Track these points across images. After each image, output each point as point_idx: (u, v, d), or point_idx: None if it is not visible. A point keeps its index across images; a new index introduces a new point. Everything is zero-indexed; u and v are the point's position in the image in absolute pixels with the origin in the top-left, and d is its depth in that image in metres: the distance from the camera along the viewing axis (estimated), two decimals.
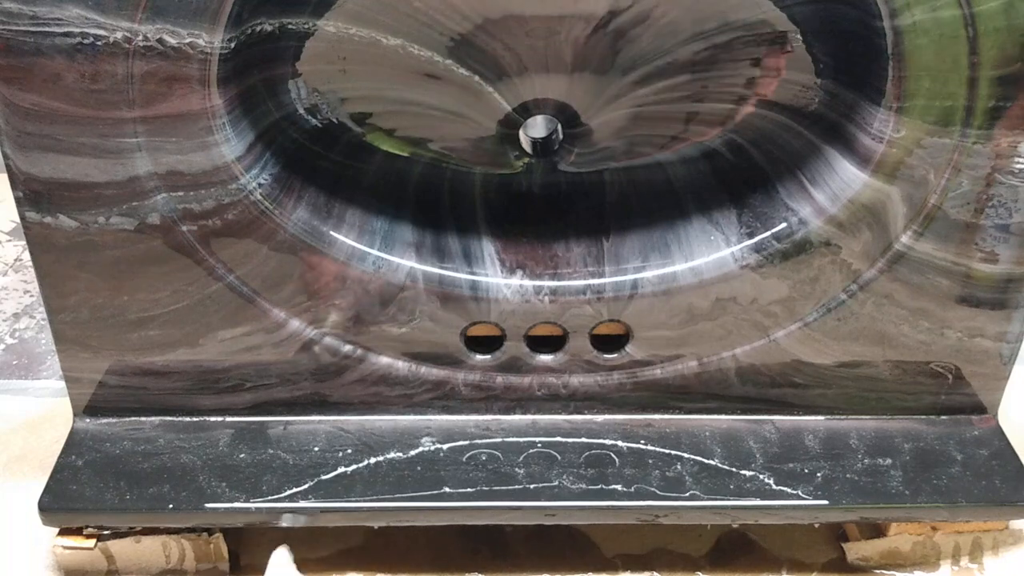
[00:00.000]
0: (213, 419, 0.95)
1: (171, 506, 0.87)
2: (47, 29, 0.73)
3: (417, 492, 0.88)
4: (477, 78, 0.83)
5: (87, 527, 0.90)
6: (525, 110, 0.86)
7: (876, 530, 0.96)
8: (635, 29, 0.81)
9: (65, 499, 0.88)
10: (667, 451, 0.93)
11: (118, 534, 0.90)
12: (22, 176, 0.79)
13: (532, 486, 0.89)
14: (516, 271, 0.90)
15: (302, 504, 0.87)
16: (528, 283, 0.90)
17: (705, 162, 0.90)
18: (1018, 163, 0.82)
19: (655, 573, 0.96)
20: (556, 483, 0.89)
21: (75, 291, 0.86)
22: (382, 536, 0.96)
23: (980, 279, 0.88)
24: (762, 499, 0.89)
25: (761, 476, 0.91)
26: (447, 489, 0.88)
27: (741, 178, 0.90)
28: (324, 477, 0.89)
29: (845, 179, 0.84)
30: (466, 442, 0.93)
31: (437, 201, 0.91)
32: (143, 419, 0.95)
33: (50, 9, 0.72)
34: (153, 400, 0.93)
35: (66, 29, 0.72)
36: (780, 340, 0.92)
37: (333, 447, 0.92)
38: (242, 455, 0.92)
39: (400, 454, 0.92)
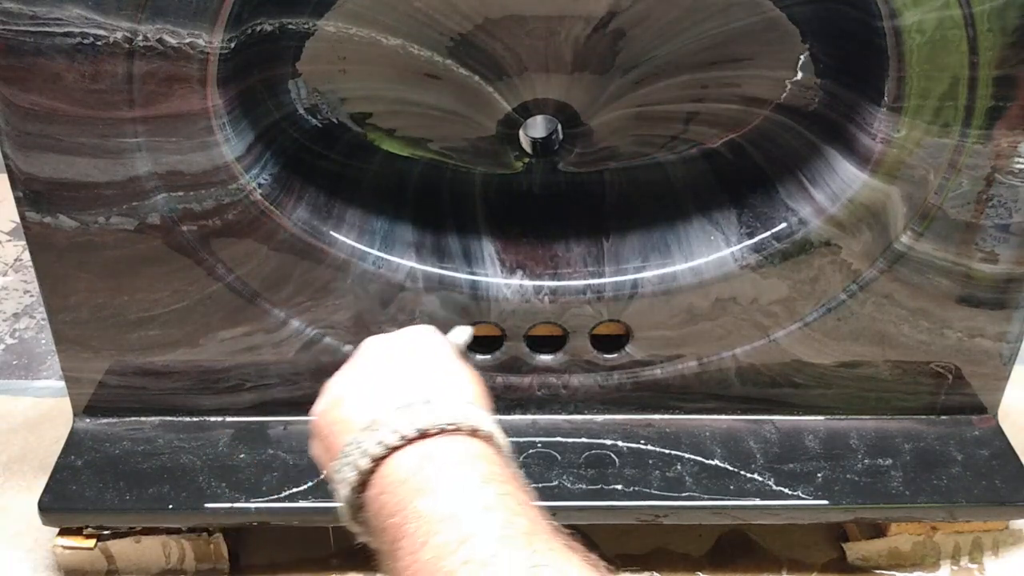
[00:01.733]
0: (213, 419, 0.95)
1: (171, 506, 0.87)
2: (47, 29, 0.73)
3: None
4: (477, 78, 0.83)
5: (87, 527, 0.90)
6: (525, 110, 0.86)
7: (876, 530, 0.96)
8: (635, 29, 0.81)
9: (65, 499, 0.88)
10: (667, 451, 0.93)
11: (118, 534, 0.90)
12: (22, 176, 0.79)
13: (532, 486, 0.89)
14: (516, 271, 0.90)
15: (302, 504, 0.87)
16: (528, 283, 0.90)
17: (705, 162, 0.90)
18: (1018, 163, 0.82)
19: (655, 573, 0.96)
20: (556, 483, 0.89)
21: (75, 291, 0.86)
22: None
23: (980, 279, 0.88)
24: (762, 499, 0.89)
25: (761, 476, 0.91)
26: None
27: (741, 178, 0.90)
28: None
29: (845, 179, 0.84)
30: None
31: (437, 201, 0.91)
32: (143, 419, 0.95)
33: (50, 9, 0.72)
34: (153, 400, 0.93)
35: (66, 29, 0.72)
36: (780, 340, 0.92)
37: None
38: (242, 455, 0.92)
39: None
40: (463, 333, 0.70)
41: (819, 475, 0.91)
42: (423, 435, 0.51)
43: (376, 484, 0.51)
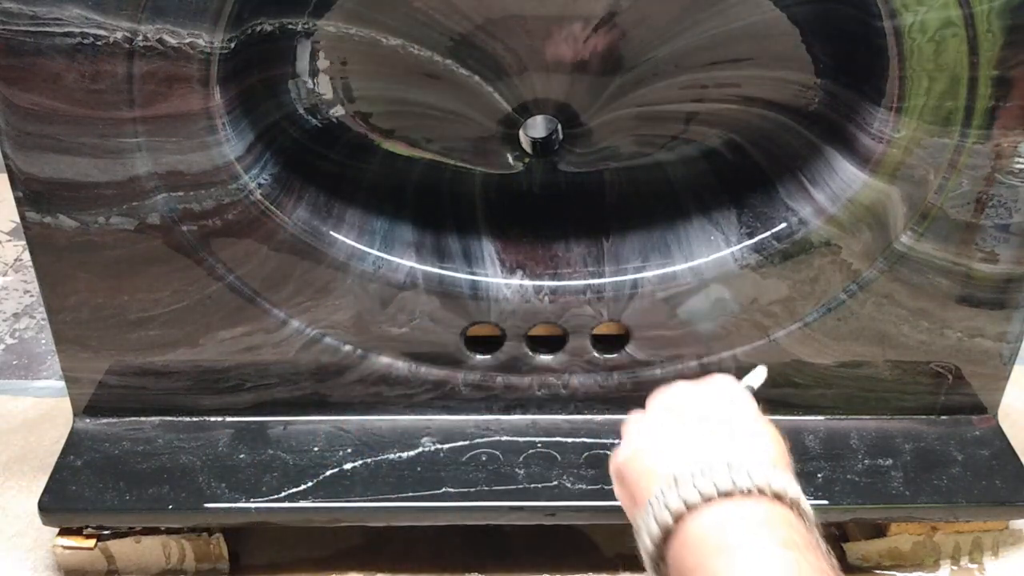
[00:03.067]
0: (213, 419, 0.95)
1: (171, 506, 0.87)
2: (47, 29, 0.73)
3: (417, 492, 0.88)
4: (477, 78, 0.83)
5: (87, 527, 0.90)
6: (525, 110, 0.86)
7: (876, 530, 0.96)
8: (635, 29, 0.81)
9: (65, 499, 0.88)
10: None
11: (118, 534, 0.90)
12: (22, 176, 0.79)
13: (532, 486, 0.89)
14: (516, 271, 0.90)
15: (302, 504, 0.87)
16: (528, 283, 0.90)
17: (705, 162, 0.90)
18: (1018, 163, 0.82)
19: None
20: (556, 483, 0.89)
21: (75, 291, 0.86)
22: (382, 536, 0.96)
23: (980, 279, 0.88)
24: None
25: None
26: (447, 489, 0.89)
27: (741, 178, 0.90)
28: (324, 477, 0.89)
29: (845, 179, 0.84)
30: (466, 442, 0.93)
31: (437, 201, 0.91)
32: (143, 419, 0.95)
33: (50, 9, 0.72)
34: (153, 400, 0.93)
35: (66, 29, 0.73)
36: (780, 340, 0.92)
37: (333, 447, 0.92)
38: (242, 455, 0.92)
39: (400, 454, 0.92)
40: (759, 375, 0.71)
41: (819, 475, 0.91)
42: (726, 495, 0.53)
43: (679, 536, 0.53)
